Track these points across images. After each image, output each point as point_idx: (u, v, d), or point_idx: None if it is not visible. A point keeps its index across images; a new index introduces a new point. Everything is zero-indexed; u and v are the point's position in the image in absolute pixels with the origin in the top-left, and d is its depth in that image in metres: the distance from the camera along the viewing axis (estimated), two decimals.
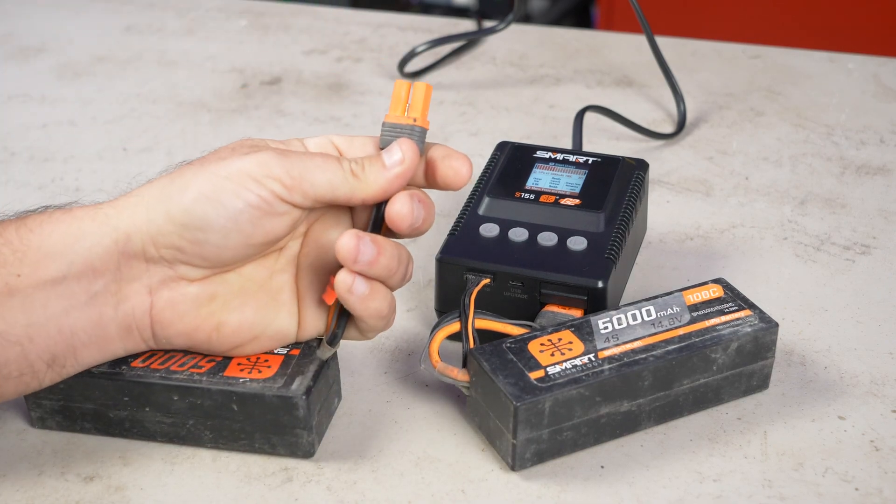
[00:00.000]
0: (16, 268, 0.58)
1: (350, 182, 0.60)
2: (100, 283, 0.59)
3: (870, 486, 0.61)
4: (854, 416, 0.65)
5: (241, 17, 1.20)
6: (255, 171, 0.59)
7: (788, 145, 0.94)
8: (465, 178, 0.63)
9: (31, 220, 0.60)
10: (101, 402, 0.63)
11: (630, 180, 0.75)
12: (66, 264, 0.59)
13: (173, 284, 0.61)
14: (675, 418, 0.65)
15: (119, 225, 0.59)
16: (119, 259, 0.59)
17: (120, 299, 0.60)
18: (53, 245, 0.59)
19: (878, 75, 1.05)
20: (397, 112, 0.63)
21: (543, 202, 0.72)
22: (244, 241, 0.60)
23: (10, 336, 0.58)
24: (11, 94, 1.05)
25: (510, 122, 0.99)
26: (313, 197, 0.60)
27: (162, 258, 0.60)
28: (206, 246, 0.59)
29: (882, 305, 0.75)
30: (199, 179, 0.59)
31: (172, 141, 0.96)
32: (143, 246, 0.59)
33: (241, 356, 0.63)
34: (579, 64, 1.09)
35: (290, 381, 0.62)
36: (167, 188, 0.60)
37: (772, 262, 0.79)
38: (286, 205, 0.59)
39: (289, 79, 1.07)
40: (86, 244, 0.59)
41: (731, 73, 1.06)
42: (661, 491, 0.61)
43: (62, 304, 0.59)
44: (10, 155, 0.95)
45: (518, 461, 0.61)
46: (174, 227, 0.59)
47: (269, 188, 0.59)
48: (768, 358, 0.65)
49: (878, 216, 0.84)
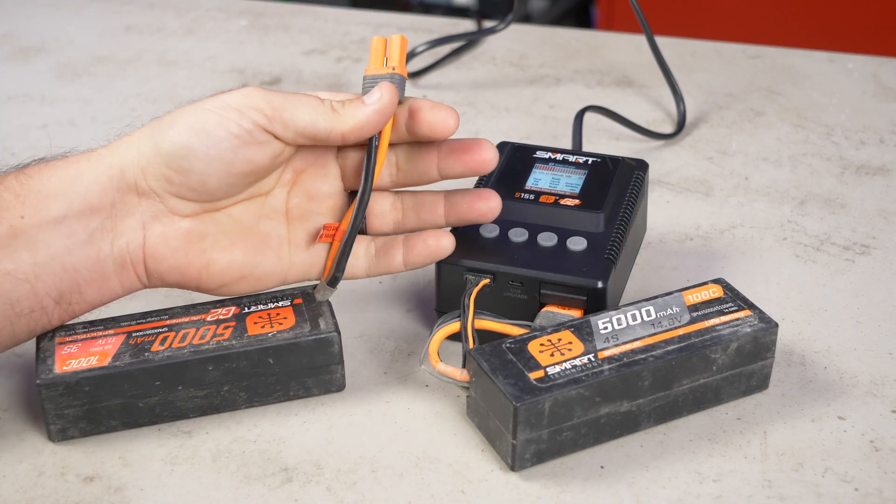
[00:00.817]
0: (18, 210, 0.62)
1: (329, 116, 0.64)
2: (97, 220, 0.63)
3: (869, 486, 0.61)
4: (854, 417, 0.65)
5: (241, 17, 1.20)
6: (238, 101, 0.63)
7: (788, 145, 0.94)
8: (452, 127, 0.66)
9: (30, 168, 0.64)
10: (131, 394, 0.63)
11: (630, 180, 0.75)
12: (66, 204, 0.62)
13: (165, 220, 0.64)
14: (674, 418, 0.65)
15: (113, 162, 0.63)
16: (114, 195, 0.63)
17: (115, 235, 0.63)
18: (53, 187, 0.63)
19: (878, 75, 1.05)
20: (374, 65, 0.66)
21: (543, 202, 0.72)
22: (226, 168, 0.63)
23: (18, 274, 0.62)
24: (11, 95, 1.05)
25: (510, 122, 0.99)
26: (293, 128, 0.63)
27: (152, 191, 0.63)
28: (192, 174, 0.63)
29: (882, 305, 0.75)
30: (186, 114, 0.63)
31: None
32: (136, 179, 0.63)
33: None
34: (579, 64, 1.09)
35: (316, 324, 0.65)
36: (157, 125, 0.64)
37: (771, 262, 0.79)
38: (266, 134, 0.63)
39: (289, 79, 1.07)
40: (83, 183, 0.63)
41: (731, 73, 1.06)
42: (660, 491, 0.61)
43: (64, 242, 0.62)
44: (10, 155, 0.95)
45: (518, 461, 0.61)
46: (161, 157, 0.62)
47: (250, 117, 0.62)
48: (768, 358, 0.65)
49: (877, 216, 0.84)
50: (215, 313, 0.66)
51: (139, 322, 0.66)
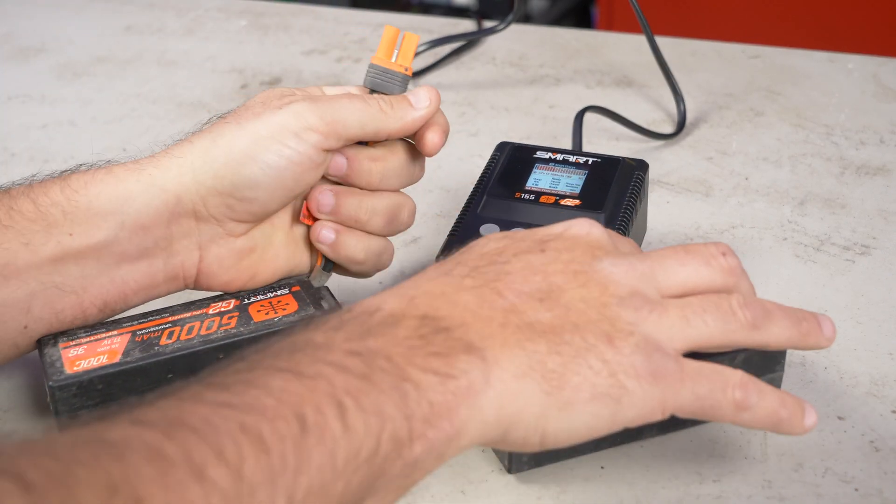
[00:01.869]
0: (67, 227, 0.62)
1: (378, 118, 0.65)
2: (150, 240, 0.63)
3: (869, 486, 0.61)
4: (854, 417, 0.65)
5: (241, 17, 1.20)
6: (293, 123, 0.63)
7: (788, 145, 0.94)
8: (437, 149, 0.68)
9: (74, 180, 0.63)
10: (144, 389, 0.63)
11: (630, 181, 0.74)
12: (116, 224, 0.62)
13: (221, 241, 0.65)
14: (679, 429, 0.64)
15: (166, 186, 0.63)
16: (169, 218, 0.63)
17: (170, 254, 0.64)
18: (102, 205, 0.62)
19: (878, 75, 1.05)
20: (383, 56, 0.68)
21: (543, 203, 0.72)
22: (288, 194, 0.65)
23: (65, 287, 0.62)
24: (11, 95, 1.05)
25: (510, 122, 0.99)
26: (346, 137, 0.64)
27: (212, 217, 0.64)
28: (255, 203, 0.64)
29: (882, 306, 0.75)
30: (241, 140, 0.63)
31: (172, 141, 0.96)
32: (194, 206, 0.64)
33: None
34: (579, 64, 1.09)
35: (320, 306, 0.66)
36: (211, 150, 0.63)
37: (771, 262, 0.79)
38: (323, 153, 0.64)
39: (288, 79, 1.07)
40: (135, 205, 0.62)
41: (731, 73, 1.06)
42: (661, 491, 0.61)
43: (114, 258, 0.63)
44: (10, 156, 0.95)
45: (515, 464, 0.61)
46: (223, 187, 0.63)
47: (308, 141, 0.63)
48: (777, 371, 0.64)
49: (877, 216, 0.84)
50: (216, 307, 0.67)
51: (141, 322, 0.65)
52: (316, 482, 0.44)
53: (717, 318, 0.55)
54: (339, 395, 0.46)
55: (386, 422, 0.47)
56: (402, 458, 0.47)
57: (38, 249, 0.61)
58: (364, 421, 0.46)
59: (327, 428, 0.45)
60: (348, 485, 0.46)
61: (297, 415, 0.45)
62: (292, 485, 0.44)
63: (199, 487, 0.41)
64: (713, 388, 0.53)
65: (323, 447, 0.45)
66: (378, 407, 0.47)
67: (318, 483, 0.44)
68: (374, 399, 0.47)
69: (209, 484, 0.42)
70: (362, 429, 0.46)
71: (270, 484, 0.43)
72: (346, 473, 0.45)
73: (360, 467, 0.46)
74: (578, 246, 0.56)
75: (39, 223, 0.61)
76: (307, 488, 0.44)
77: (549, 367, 0.51)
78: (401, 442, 0.47)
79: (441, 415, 0.48)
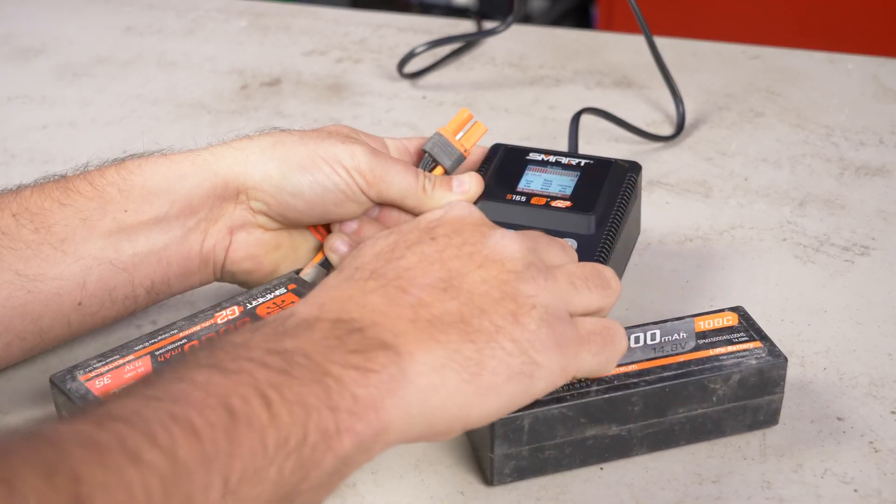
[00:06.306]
0: (122, 204, 0.65)
1: (419, 196, 0.69)
2: (193, 221, 0.67)
3: (869, 487, 0.61)
4: (853, 418, 0.65)
5: (241, 18, 1.20)
6: (348, 161, 0.67)
7: (788, 146, 0.94)
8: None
9: (129, 163, 0.67)
10: None
11: (622, 182, 0.74)
12: (168, 202, 0.66)
13: (250, 228, 0.69)
14: (671, 447, 0.63)
15: (219, 171, 0.67)
16: (213, 201, 0.67)
17: (206, 236, 0.68)
18: (157, 184, 0.66)
19: (878, 76, 1.05)
20: (451, 130, 0.74)
21: (534, 204, 0.72)
22: (323, 214, 0.69)
23: (118, 263, 0.65)
24: (11, 96, 1.05)
25: (509, 123, 0.99)
26: (386, 197, 0.69)
27: (249, 206, 0.68)
28: (292, 210, 0.68)
29: (881, 307, 0.75)
30: (301, 152, 0.67)
31: (172, 142, 0.96)
32: (237, 192, 0.68)
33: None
34: (579, 65, 1.09)
35: None
36: (269, 150, 0.68)
37: (771, 263, 0.79)
38: (364, 196, 0.68)
39: (288, 80, 1.07)
40: (187, 185, 0.66)
41: (731, 74, 1.06)
42: (660, 492, 0.61)
43: (162, 238, 0.66)
44: (10, 157, 0.95)
45: (497, 476, 0.60)
46: (270, 186, 0.67)
47: (355, 180, 0.67)
48: (776, 393, 0.63)
49: (877, 217, 0.84)
50: (222, 315, 0.66)
51: (153, 342, 0.64)
52: (249, 467, 0.46)
53: (597, 285, 0.59)
54: (262, 387, 0.48)
55: (311, 412, 0.48)
56: (333, 451, 0.49)
57: (95, 225, 0.65)
58: (289, 410, 0.48)
59: (255, 416, 0.47)
60: (281, 472, 0.47)
61: (224, 405, 0.46)
62: (227, 468, 0.45)
63: (135, 469, 0.43)
64: (605, 344, 0.58)
65: (253, 434, 0.46)
66: (301, 398, 0.48)
67: (252, 468, 0.46)
68: (296, 391, 0.48)
69: (145, 466, 0.43)
70: (288, 418, 0.48)
71: (205, 467, 0.44)
72: (277, 459, 0.47)
73: (290, 455, 0.47)
74: (465, 227, 0.59)
75: (97, 200, 0.65)
76: (241, 472, 0.45)
77: (466, 356, 0.53)
78: (328, 434, 0.49)
79: (368, 407, 0.50)
